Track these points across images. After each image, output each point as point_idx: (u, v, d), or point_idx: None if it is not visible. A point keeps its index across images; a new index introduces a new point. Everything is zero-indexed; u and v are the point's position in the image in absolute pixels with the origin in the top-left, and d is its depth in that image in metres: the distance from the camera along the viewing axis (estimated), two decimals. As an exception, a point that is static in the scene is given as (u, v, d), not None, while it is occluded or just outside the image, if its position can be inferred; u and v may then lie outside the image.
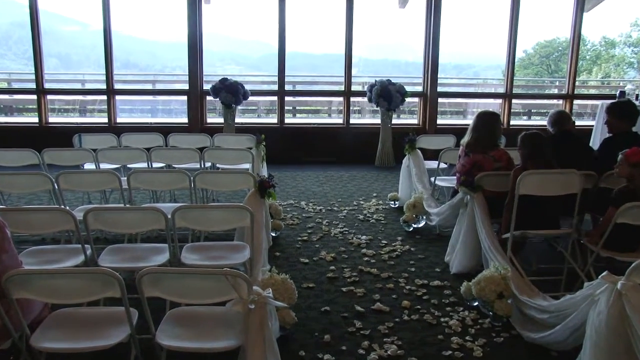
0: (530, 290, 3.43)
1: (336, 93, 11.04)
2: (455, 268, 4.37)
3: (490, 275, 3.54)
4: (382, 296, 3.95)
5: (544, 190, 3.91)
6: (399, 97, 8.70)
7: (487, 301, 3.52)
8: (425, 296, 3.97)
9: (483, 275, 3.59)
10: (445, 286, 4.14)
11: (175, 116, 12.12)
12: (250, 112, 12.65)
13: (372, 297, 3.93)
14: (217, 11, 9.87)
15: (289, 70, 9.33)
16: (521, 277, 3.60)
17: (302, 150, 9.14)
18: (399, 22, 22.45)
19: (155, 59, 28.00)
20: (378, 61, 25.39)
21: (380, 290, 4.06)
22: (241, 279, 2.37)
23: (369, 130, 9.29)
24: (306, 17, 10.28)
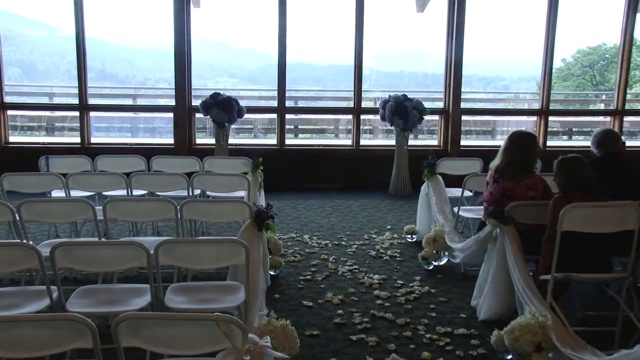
0: (575, 342, 3.38)
1: (344, 110, 11.13)
2: (484, 314, 4.35)
3: (526, 323, 3.51)
4: (398, 346, 3.92)
5: (594, 226, 3.83)
6: (416, 114, 8.77)
7: (522, 354, 3.49)
8: (448, 347, 3.94)
9: (517, 323, 3.56)
10: (472, 335, 4.12)
11: (160, 136, 12.22)
12: (246, 132, 12.75)
13: (386, 347, 3.91)
14: (207, 16, 10.07)
15: (291, 84, 9.44)
16: (563, 326, 3.56)
17: (305, 176, 9.18)
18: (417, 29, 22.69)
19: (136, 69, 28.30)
20: (392, 73, 25.62)
21: (395, 339, 4.04)
22: (235, 326, 2.37)
23: (381, 153, 9.34)
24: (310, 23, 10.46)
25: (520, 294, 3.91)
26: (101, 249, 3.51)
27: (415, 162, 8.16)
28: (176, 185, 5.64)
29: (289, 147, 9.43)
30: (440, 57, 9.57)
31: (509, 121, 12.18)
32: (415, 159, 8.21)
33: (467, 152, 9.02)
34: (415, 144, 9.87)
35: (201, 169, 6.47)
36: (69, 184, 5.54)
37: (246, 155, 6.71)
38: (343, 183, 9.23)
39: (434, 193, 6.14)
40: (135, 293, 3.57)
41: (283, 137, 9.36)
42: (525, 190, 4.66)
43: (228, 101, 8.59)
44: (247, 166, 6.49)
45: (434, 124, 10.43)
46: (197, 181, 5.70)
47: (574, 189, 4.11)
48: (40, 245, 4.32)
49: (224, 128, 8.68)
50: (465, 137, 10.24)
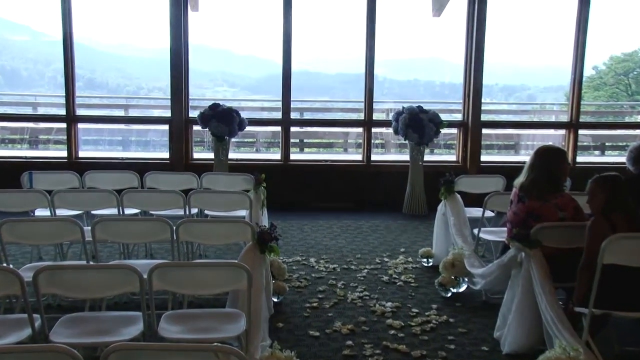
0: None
1: (354, 123, 11.16)
2: (509, 346, 4.32)
3: (555, 357, 3.49)
4: (414, 382, 3.90)
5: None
6: (432, 127, 8.78)
7: (551, 390, 3.47)
8: (470, 383, 3.91)
9: (546, 358, 3.54)
10: (496, 370, 4.09)
11: (154, 150, 12.25)
12: (247, 146, 12.79)
13: (401, 384, 3.89)
14: (206, 20, 10.18)
15: (296, 94, 9.48)
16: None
17: (311, 194, 9.19)
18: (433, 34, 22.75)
19: (128, 77, 28.44)
20: (406, 82, 25.69)
21: (411, 374, 4.02)
22: (235, 357, 2.36)
23: (394, 169, 9.34)
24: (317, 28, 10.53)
25: (549, 325, 3.87)
26: (89, 273, 3.52)
27: (431, 179, 8.15)
28: (171, 203, 5.65)
29: (294, 162, 9.44)
30: (458, 65, 9.61)
31: (534, 135, 12.16)
32: (432, 175, 8.20)
33: (488, 169, 9.00)
34: (431, 160, 9.87)
35: (199, 186, 6.48)
36: (54, 202, 5.57)
37: (248, 172, 6.73)
38: (353, 202, 9.22)
39: (452, 213, 6.13)
40: (126, 321, 3.57)
41: (288, 151, 9.39)
42: (554, 210, 4.64)
43: (228, 112, 8.64)
44: (249, 183, 6.50)
45: (452, 138, 10.43)
46: (194, 199, 5.71)
47: (614, 212, 4.06)
48: (22, 269, 4.33)
49: (223, 142, 8.71)
50: (486, 153, 10.24)
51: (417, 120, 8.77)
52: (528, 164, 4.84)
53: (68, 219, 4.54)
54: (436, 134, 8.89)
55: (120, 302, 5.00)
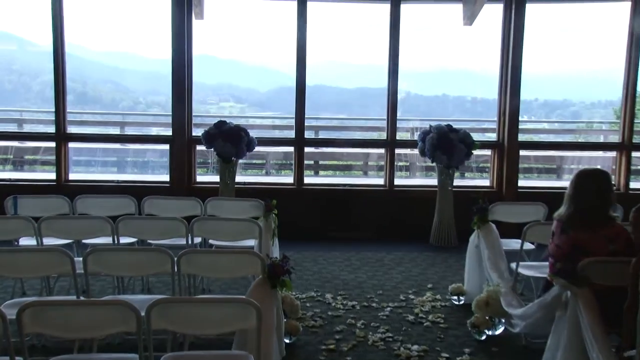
0: None
1: (375, 143, 11.17)
2: (553, 398, 4.25)
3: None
4: None
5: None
6: (463, 148, 8.77)
7: None
8: None
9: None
10: None
11: (153, 173, 12.33)
12: (257, 168, 12.82)
13: None
14: (212, 29, 10.27)
15: (311, 111, 9.52)
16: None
17: (327, 222, 9.18)
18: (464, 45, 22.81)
19: (124, 91, 28.63)
20: (434, 98, 25.69)
21: None
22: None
23: (420, 195, 9.33)
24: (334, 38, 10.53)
25: (600, 374, 3.81)
26: (79, 309, 3.51)
27: (462, 206, 8.13)
28: (172, 232, 5.67)
29: (308, 186, 9.47)
30: (492, 78, 9.62)
31: (579, 157, 12.07)
32: (462, 202, 8.18)
33: (527, 195, 8.93)
34: (462, 185, 9.85)
35: (203, 212, 6.51)
36: (41, 229, 5.57)
37: (257, 197, 6.75)
38: (373, 231, 9.20)
39: (486, 245, 6.08)
40: (120, 364, 3.56)
41: (301, 174, 9.41)
42: (604, 242, 4.59)
43: (235, 131, 8.68)
44: (258, 209, 6.52)
45: (486, 160, 10.40)
46: (197, 227, 5.72)
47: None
48: (4, 305, 4.34)
49: (230, 163, 8.74)
50: (524, 177, 10.20)
51: (446, 141, 8.76)
52: (568, 192, 4.81)
53: (56, 249, 4.54)
54: (467, 155, 8.88)
55: (113, 343, 4.99)
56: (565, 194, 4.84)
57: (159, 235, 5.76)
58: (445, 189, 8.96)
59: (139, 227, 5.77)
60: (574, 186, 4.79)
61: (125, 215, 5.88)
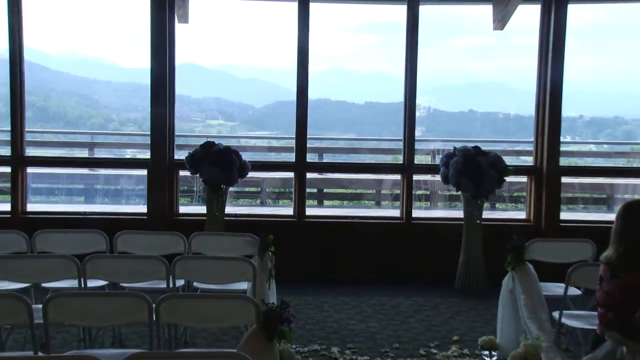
0: None
1: (389, 167, 11.19)
2: None
3: None
4: None
5: None
6: (494, 175, 8.76)
7: None
8: None
9: None
10: None
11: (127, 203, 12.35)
12: (250, 197, 12.86)
13: None
14: (198, 34, 10.34)
15: (314, 129, 9.59)
16: None
17: (333, 261, 9.16)
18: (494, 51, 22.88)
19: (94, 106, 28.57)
20: (459, 115, 25.66)
21: None
22: None
23: (444, 230, 9.34)
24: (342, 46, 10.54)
25: None
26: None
27: (493, 243, 8.10)
28: (150, 273, 5.67)
29: (310, 219, 9.47)
30: (528, 91, 9.63)
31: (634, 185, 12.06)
32: (493, 238, 8.15)
33: (571, 231, 8.95)
34: (492, 217, 9.85)
35: (186, 249, 6.51)
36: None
37: (250, 231, 6.74)
38: (388, 272, 9.17)
39: (522, 290, 6.07)
40: None
41: (303, 205, 9.42)
42: (663, 287, 4.59)
43: (225, 154, 8.70)
44: (252, 246, 6.52)
45: (521, 189, 10.42)
46: (180, 267, 5.72)
47: None
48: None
49: (219, 192, 8.75)
50: (567, 209, 10.19)
51: (474, 165, 8.76)
52: (616, 229, 4.78)
53: (10, 295, 4.52)
54: (499, 183, 8.87)
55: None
56: (613, 230, 4.83)
57: (134, 277, 5.74)
58: (472, 222, 8.95)
59: (111, 267, 5.76)
60: (622, 221, 4.78)
61: (94, 254, 5.85)
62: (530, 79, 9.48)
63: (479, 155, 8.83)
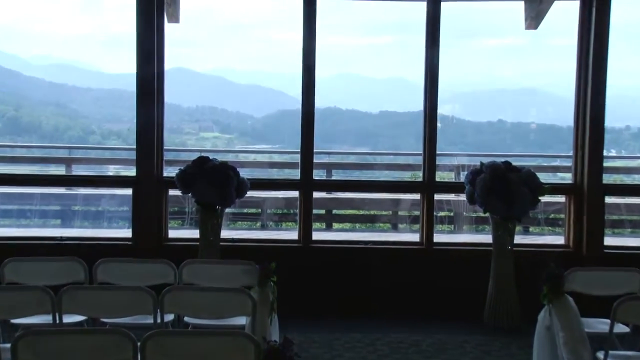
0: None
1: (407, 186, 11.18)
2: None
3: None
4: None
5: None
6: (527, 194, 8.72)
7: None
8: None
9: None
10: None
11: (110, 226, 12.35)
12: (249, 219, 12.85)
13: None
14: (190, 35, 10.36)
15: (322, 143, 9.57)
16: None
17: (343, 293, 9.14)
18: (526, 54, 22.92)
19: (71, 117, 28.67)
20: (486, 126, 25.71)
21: None
22: None
23: (470, 256, 9.31)
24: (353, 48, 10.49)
25: None
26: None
27: (526, 272, 8.08)
28: (135, 307, 5.65)
29: (318, 244, 9.46)
30: (566, 99, 9.62)
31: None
32: (527, 267, 8.14)
33: (617, 258, 8.89)
34: (526, 243, 9.81)
35: (177, 279, 6.51)
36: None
37: (249, 258, 6.73)
38: (406, 305, 9.14)
39: (561, 326, 6.04)
40: None
41: (309, 228, 9.41)
42: None
43: (221, 170, 8.69)
44: (252, 276, 6.51)
45: (558, 210, 10.38)
46: (170, 300, 5.70)
47: None
48: None
49: (214, 214, 8.74)
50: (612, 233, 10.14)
51: (504, 183, 8.73)
52: None
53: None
54: (533, 203, 8.83)
55: None
56: None
57: (116, 311, 5.73)
58: (503, 248, 8.90)
59: (90, 300, 5.74)
60: None
61: (71, 285, 5.83)
62: (568, 85, 9.46)
63: (510, 172, 8.79)
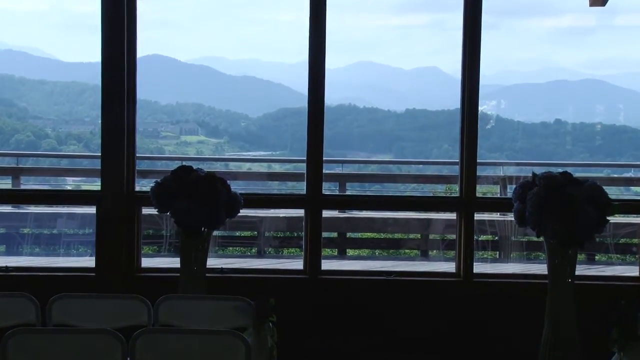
0: None
1: (440, 202, 11.18)
2: None
3: None
4: None
5: None
6: (591, 213, 8.72)
7: None
8: None
9: None
10: None
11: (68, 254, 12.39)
12: (243, 244, 12.88)
13: None
14: (169, 15, 10.41)
15: (332, 148, 9.61)
16: None
17: (360, 335, 9.16)
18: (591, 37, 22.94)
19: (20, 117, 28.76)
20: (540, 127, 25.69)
21: None
22: None
23: (519, 291, 9.34)
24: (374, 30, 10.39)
25: None
26: None
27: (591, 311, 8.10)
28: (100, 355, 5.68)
29: (328, 276, 9.47)
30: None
31: None
32: (591, 304, 8.15)
33: None
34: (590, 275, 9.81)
35: (152, 320, 6.55)
36: None
37: (243, 293, 6.77)
38: (439, 351, 9.17)
39: (634, 378, 6.08)
40: None
41: (318, 255, 9.42)
42: None
43: (208, 183, 8.70)
44: (246, 315, 6.54)
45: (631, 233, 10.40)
46: (142, 346, 5.72)
47: None
48: None
49: (199, 237, 8.76)
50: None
51: (563, 199, 8.74)
52: None
53: None
54: (600, 225, 8.81)
55: None
56: None
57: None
58: (561, 281, 8.90)
59: (43, 347, 5.76)
60: None
61: (19, 328, 5.86)
62: None
63: (570, 185, 8.79)
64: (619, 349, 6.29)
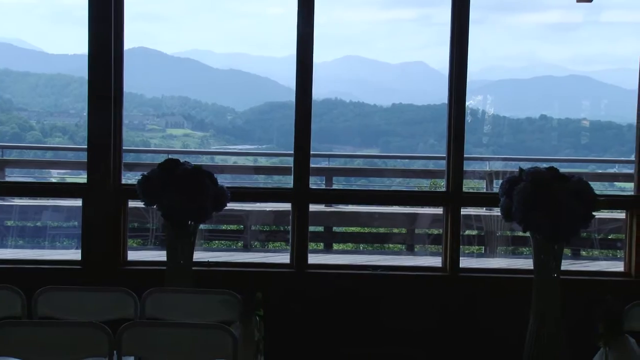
0: None
1: (426, 197, 11.18)
2: None
3: None
4: None
5: None
6: (577, 208, 8.74)
7: None
8: None
9: None
10: None
11: (53, 246, 12.36)
12: (229, 238, 12.86)
13: None
14: (156, 7, 10.39)
15: (320, 142, 9.59)
16: None
17: (346, 330, 9.18)
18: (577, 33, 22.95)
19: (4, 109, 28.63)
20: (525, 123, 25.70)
21: None
22: None
23: (505, 286, 9.36)
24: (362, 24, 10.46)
25: None
26: None
27: (576, 306, 8.11)
28: (86, 348, 5.68)
29: (315, 270, 9.47)
30: (628, 90, 9.60)
31: None
32: (577, 300, 8.17)
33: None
34: (576, 270, 9.82)
35: (138, 313, 6.54)
36: None
37: (229, 287, 6.77)
38: (425, 346, 9.18)
39: (619, 374, 6.09)
40: None
41: (304, 250, 9.42)
42: None
43: (195, 176, 8.69)
44: (232, 309, 6.56)
45: (617, 228, 10.39)
46: (129, 339, 5.73)
47: None
48: None
49: (185, 231, 8.75)
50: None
51: (548, 195, 8.75)
52: None
53: None
54: (585, 220, 8.83)
55: None
56: None
57: (62, 353, 5.75)
58: (547, 276, 8.89)
59: (28, 339, 5.76)
60: None
61: (5, 321, 5.88)
62: (629, 72, 9.48)
63: (556, 181, 8.80)
64: (605, 344, 6.31)
